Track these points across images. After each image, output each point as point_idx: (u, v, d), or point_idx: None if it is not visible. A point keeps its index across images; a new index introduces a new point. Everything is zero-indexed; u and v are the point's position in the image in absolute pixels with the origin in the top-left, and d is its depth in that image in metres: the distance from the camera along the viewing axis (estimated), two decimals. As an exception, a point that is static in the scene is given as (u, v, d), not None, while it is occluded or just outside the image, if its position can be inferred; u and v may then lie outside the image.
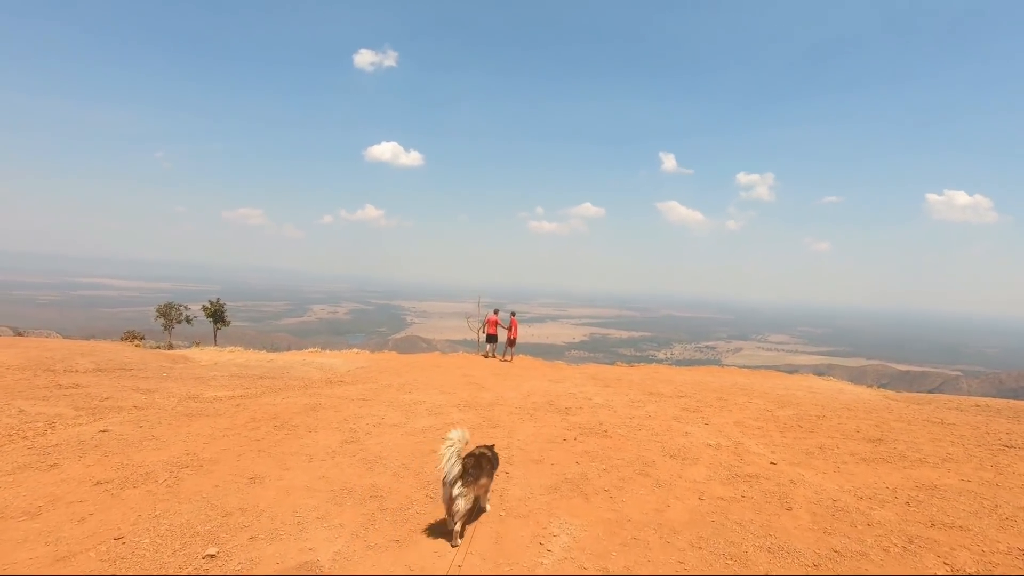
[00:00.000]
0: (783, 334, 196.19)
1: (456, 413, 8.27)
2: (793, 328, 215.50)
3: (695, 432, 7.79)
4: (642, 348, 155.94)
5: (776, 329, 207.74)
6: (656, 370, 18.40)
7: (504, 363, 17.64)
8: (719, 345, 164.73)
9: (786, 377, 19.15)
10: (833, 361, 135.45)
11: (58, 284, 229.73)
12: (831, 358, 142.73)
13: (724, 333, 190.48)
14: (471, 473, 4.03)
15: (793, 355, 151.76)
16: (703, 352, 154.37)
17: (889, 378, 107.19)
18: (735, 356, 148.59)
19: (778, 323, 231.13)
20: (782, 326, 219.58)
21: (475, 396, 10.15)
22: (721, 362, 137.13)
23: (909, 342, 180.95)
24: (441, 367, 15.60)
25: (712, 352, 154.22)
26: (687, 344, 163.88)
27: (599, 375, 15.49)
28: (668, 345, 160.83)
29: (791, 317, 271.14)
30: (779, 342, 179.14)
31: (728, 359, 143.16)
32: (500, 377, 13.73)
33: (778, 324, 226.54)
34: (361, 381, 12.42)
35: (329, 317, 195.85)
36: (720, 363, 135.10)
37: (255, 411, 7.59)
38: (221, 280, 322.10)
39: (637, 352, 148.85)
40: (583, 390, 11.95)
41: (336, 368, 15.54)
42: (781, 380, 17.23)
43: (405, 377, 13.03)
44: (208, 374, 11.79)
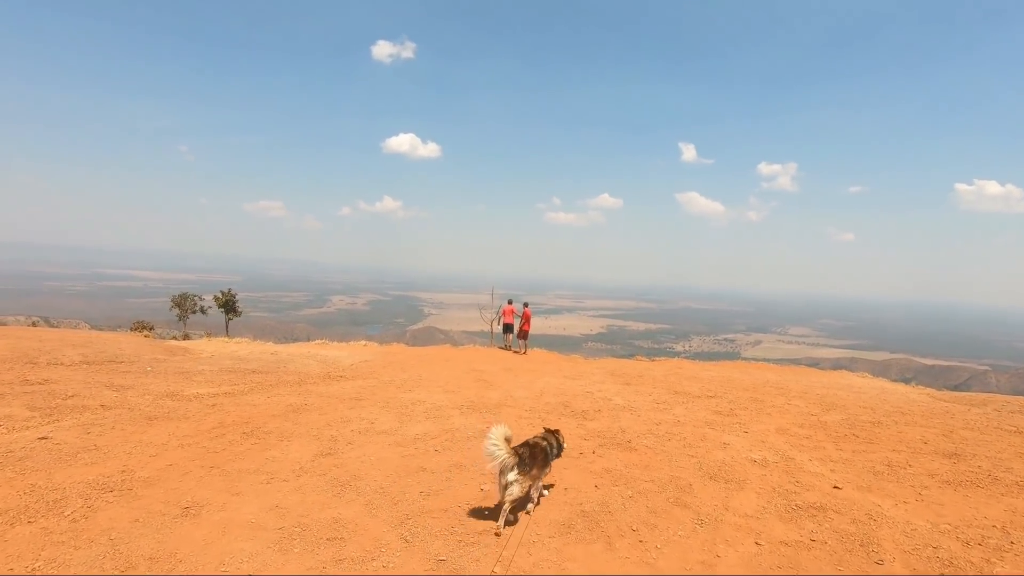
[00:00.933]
0: (804, 327, 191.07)
1: (457, 417, 7.25)
2: (815, 321, 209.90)
3: (734, 443, 6.64)
4: (660, 340, 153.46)
5: (797, 322, 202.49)
6: (679, 365, 17.16)
7: (517, 356, 16.62)
8: (738, 338, 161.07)
9: (821, 374, 17.71)
10: (856, 355, 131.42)
11: (86, 275, 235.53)
12: (854, 351, 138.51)
13: (743, 325, 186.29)
14: (526, 463, 4.12)
15: (814, 348, 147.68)
16: (722, 345, 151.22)
17: (914, 372, 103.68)
18: (755, 349, 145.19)
19: (799, 316, 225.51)
20: (803, 319, 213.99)
21: (481, 395, 9.13)
22: (740, 355, 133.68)
23: (935, 335, 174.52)
24: (450, 361, 14.63)
25: (731, 345, 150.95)
26: (706, 336, 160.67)
27: (619, 371, 14.35)
28: (686, 337, 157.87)
29: (813, 309, 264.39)
30: (800, 335, 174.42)
31: (747, 352, 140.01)
32: (511, 372, 12.70)
33: (799, 317, 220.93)
34: (361, 376, 11.51)
35: (348, 308, 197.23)
36: (739, 356, 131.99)
37: (229, 413, 6.68)
38: (243, 271, 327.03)
39: (655, 344, 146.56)
40: (602, 388, 10.85)
41: (339, 361, 14.69)
42: (816, 377, 15.85)
43: (409, 372, 12.08)
44: (198, 368, 10.98)
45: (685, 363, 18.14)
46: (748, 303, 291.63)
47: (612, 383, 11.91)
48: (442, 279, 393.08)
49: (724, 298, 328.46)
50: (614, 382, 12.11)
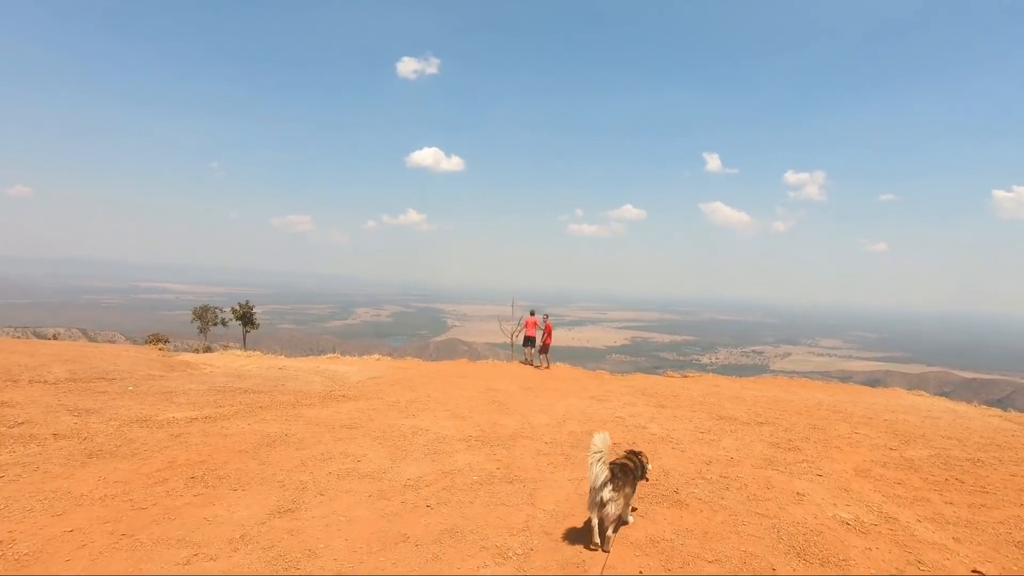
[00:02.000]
0: (835, 339, 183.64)
1: (462, 453, 5.99)
2: (846, 333, 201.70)
3: (811, 493, 5.22)
4: (686, 352, 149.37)
5: (828, 333, 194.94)
6: (716, 383, 15.55)
7: (538, 372, 15.31)
8: (766, 350, 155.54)
9: (875, 393, 15.83)
10: (890, 367, 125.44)
11: (122, 289, 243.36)
12: (888, 364, 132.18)
13: (771, 337, 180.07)
14: (619, 478, 3.92)
15: (846, 361, 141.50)
16: (749, 357, 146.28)
17: (953, 386, 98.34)
18: (783, 361, 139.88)
19: (830, 327, 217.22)
20: (834, 330, 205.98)
21: (494, 422, 7.86)
22: (769, 367, 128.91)
23: (973, 347, 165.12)
24: (465, 378, 13.41)
25: (759, 357, 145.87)
26: (732, 349, 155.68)
27: (650, 389, 12.91)
28: (713, 349, 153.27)
29: (844, 321, 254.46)
30: (831, 347, 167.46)
31: (776, 364, 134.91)
32: (531, 392, 11.40)
33: (830, 328, 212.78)
34: (364, 396, 10.37)
35: (372, 320, 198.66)
36: (768, 368, 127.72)
37: (188, 448, 5.58)
38: (271, 284, 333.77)
39: (681, 356, 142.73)
40: (633, 413, 9.46)
41: (346, 378, 13.62)
42: (873, 397, 14.05)
43: (418, 391, 10.90)
44: (185, 387, 10.01)
45: (722, 380, 16.51)
46: (776, 315, 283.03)
47: (644, 405, 10.51)
48: (465, 291, 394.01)
49: (751, 310, 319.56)
50: (646, 404, 10.70)
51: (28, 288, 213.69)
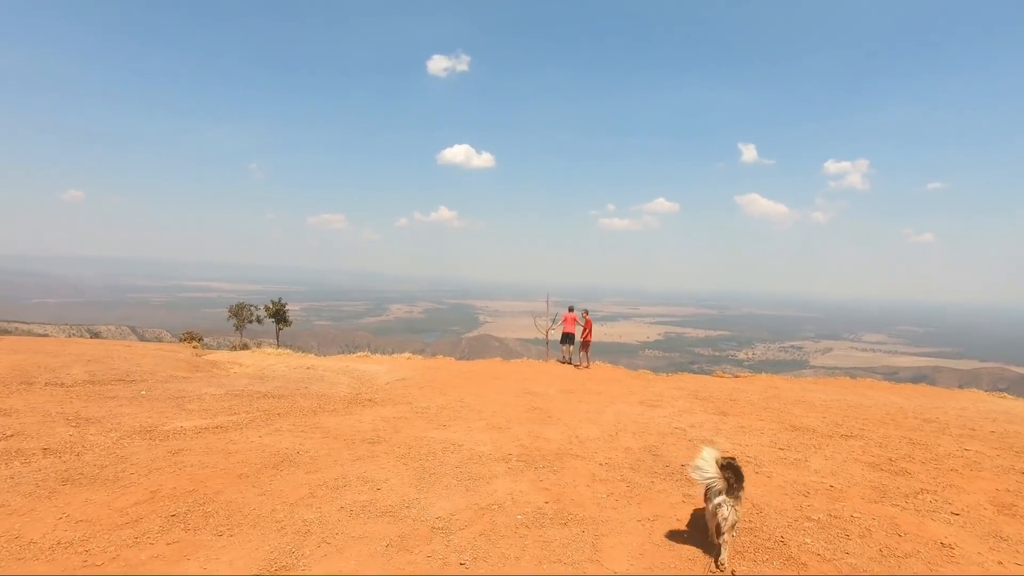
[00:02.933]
0: (880, 333, 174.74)
1: (502, 480, 4.97)
2: (892, 327, 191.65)
3: (959, 543, 3.98)
4: (721, 348, 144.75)
5: (872, 328, 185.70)
6: (773, 384, 14.09)
7: (578, 372, 14.22)
8: (806, 344, 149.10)
9: (954, 395, 14.02)
10: (939, 363, 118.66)
11: (168, 287, 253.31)
12: (937, 359, 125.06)
13: (812, 332, 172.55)
14: (733, 486, 3.70)
15: (892, 356, 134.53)
16: (788, 352, 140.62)
17: (1008, 382, 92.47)
18: (824, 357, 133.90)
19: (874, 321, 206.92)
20: (879, 324, 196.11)
21: (536, 434, 6.82)
22: (809, 363, 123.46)
23: None
24: (499, 379, 12.43)
25: (798, 352, 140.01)
26: (770, 344, 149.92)
27: (703, 392, 11.65)
28: (749, 344, 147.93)
29: (889, 315, 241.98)
30: (875, 342, 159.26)
31: (816, 360, 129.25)
32: (572, 396, 10.31)
33: (874, 322, 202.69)
34: (391, 401, 9.50)
35: (405, 316, 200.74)
36: (808, 364, 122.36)
37: (180, 471, 4.75)
38: (307, 282, 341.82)
39: (716, 352, 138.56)
40: (693, 422, 8.26)
41: (375, 379, 12.85)
42: (953, 400, 12.36)
43: (449, 395, 9.96)
44: (202, 391, 9.34)
45: (779, 380, 15.01)
46: (816, 309, 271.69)
47: (703, 412, 9.29)
48: (497, 287, 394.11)
49: (790, 304, 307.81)
50: (704, 410, 9.47)
51: (82, 287, 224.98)
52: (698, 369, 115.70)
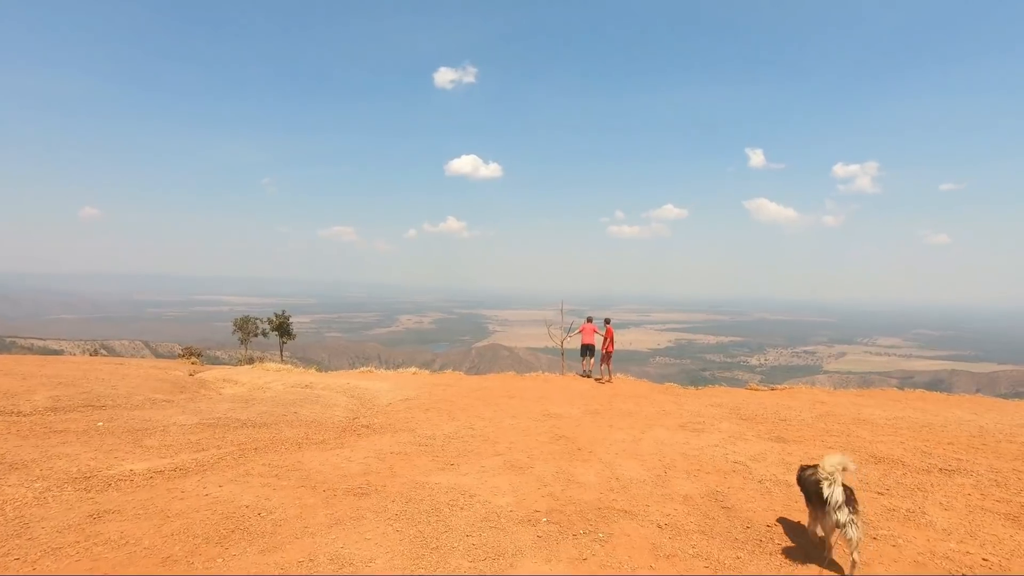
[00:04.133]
0: (895, 337, 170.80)
1: (532, 556, 3.61)
2: (907, 331, 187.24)
3: None
4: (733, 354, 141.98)
5: (886, 332, 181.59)
6: (818, 398, 12.57)
7: (600, 388, 12.85)
8: (820, 349, 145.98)
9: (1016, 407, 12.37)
10: (956, 366, 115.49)
11: (182, 302, 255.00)
12: (954, 363, 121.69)
13: (825, 337, 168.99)
14: (853, 499, 3.70)
15: (907, 360, 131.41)
16: (801, 357, 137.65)
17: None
18: (838, 362, 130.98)
19: (889, 325, 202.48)
20: (894, 328, 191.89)
21: (568, 477, 5.45)
22: (823, 368, 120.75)
23: None
24: (514, 398, 11.07)
25: (812, 358, 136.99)
26: (783, 349, 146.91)
27: (744, 410, 10.23)
28: (762, 350, 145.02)
29: (904, 319, 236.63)
30: (890, 346, 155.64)
31: (830, 365, 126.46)
32: (599, 419, 8.92)
33: (889, 326, 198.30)
34: (391, 427, 8.18)
35: (415, 327, 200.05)
36: (822, 369, 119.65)
37: (85, 553, 3.46)
38: (319, 294, 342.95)
39: (728, 358, 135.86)
40: (752, 453, 6.83)
41: (376, 399, 11.56)
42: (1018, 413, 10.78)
43: (459, 420, 8.61)
44: (172, 420, 8.07)
45: (821, 393, 13.46)
46: (830, 313, 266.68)
47: (755, 437, 7.86)
48: (506, 297, 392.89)
49: (802, 309, 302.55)
50: (756, 435, 8.05)
51: (99, 303, 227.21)
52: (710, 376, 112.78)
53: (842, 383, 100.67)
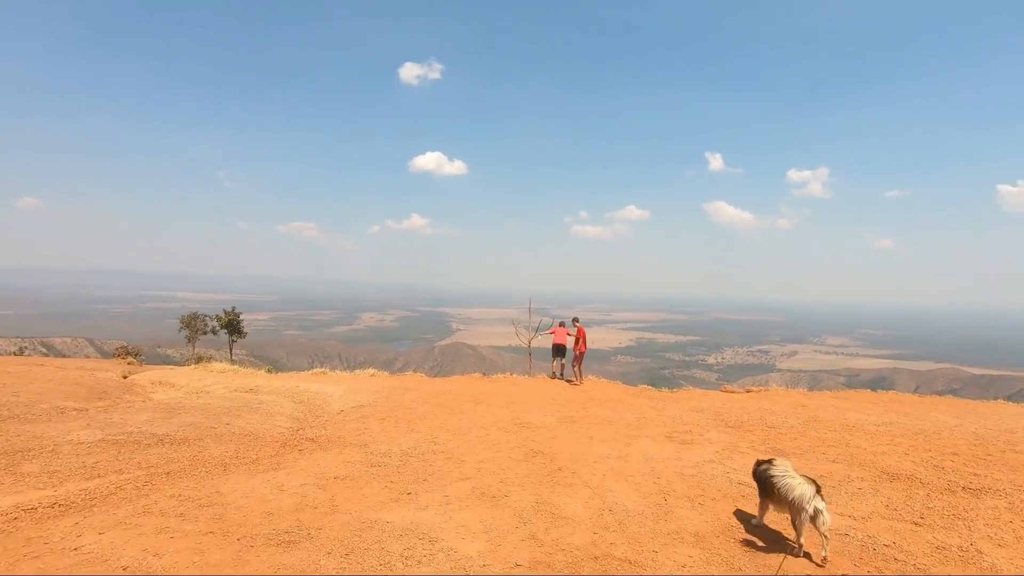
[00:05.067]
0: (843, 336, 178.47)
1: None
2: (853, 330, 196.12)
3: None
4: (691, 353, 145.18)
5: (835, 331, 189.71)
6: (798, 401, 12.09)
7: (572, 390, 12.04)
8: (773, 348, 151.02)
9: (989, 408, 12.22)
10: (898, 364, 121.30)
11: (131, 298, 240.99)
12: (896, 361, 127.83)
13: (778, 336, 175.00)
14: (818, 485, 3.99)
15: (853, 359, 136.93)
16: (756, 356, 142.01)
17: (962, 383, 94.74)
18: (790, 360, 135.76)
19: (837, 325, 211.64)
20: (841, 328, 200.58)
21: (551, 511, 4.51)
22: (776, 367, 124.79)
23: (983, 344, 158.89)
24: (481, 403, 10.07)
25: (766, 356, 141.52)
26: (739, 348, 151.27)
27: (728, 415, 9.62)
28: (718, 349, 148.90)
29: (851, 319, 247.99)
30: (838, 345, 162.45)
31: (783, 363, 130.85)
32: (577, 428, 8.04)
33: (837, 326, 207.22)
34: (339, 441, 7.06)
35: (377, 325, 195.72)
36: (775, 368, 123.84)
37: None
38: (279, 291, 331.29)
39: (686, 357, 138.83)
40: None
41: (327, 405, 10.36)
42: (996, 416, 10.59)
43: (419, 432, 7.55)
44: (70, 436, 6.69)
45: (798, 395, 12.99)
46: (782, 313, 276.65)
47: (751, 449, 7.18)
48: (470, 295, 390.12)
49: (757, 309, 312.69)
50: (751, 446, 7.38)
51: (39, 298, 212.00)
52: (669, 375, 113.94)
53: (793, 381, 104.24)
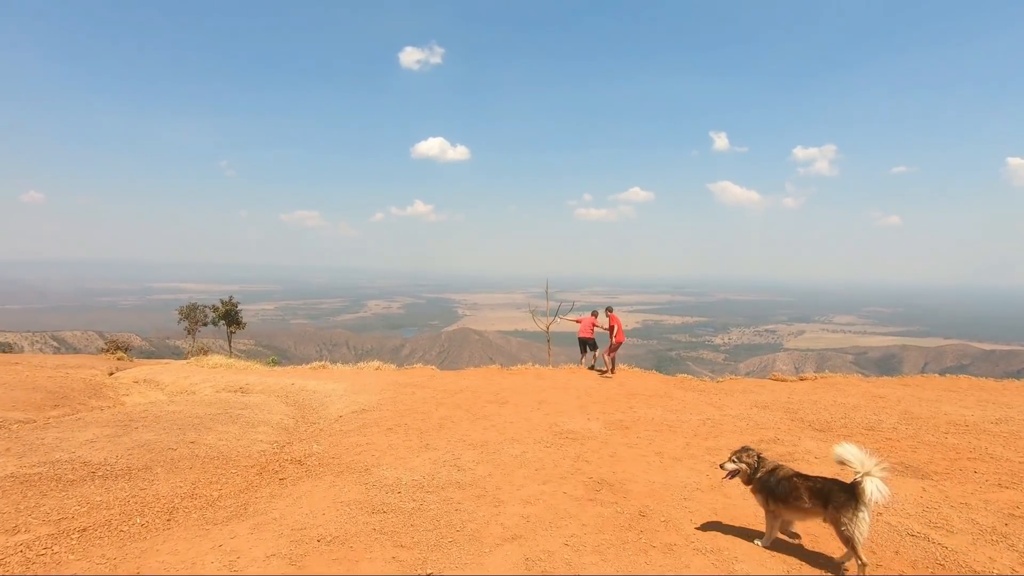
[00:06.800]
0: (850, 315, 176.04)
1: None
2: (861, 309, 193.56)
3: None
4: (698, 334, 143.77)
5: (842, 310, 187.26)
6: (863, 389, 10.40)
7: (606, 382, 10.40)
8: (780, 328, 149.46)
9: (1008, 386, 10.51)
10: (906, 341, 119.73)
11: (138, 290, 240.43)
12: (904, 338, 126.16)
13: (785, 316, 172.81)
14: None
15: (862, 336, 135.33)
16: (763, 336, 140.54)
17: (971, 359, 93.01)
18: (797, 339, 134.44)
19: (844, 304, 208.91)
20: (849, 307, 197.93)
21: None
22: (783, 346, 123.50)
23: (992, 319, 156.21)
24: (506, 403, 8.39)
25: (772, 336, 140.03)
26: (745, 328, 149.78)
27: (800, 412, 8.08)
28: (725, 330, 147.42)
29: (859, 297, 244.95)
30: (846, 323, 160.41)
31: (790, 343, 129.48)
32: (635, 437, 6.35)
33: (844, 305, 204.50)
34: (334, 465, 5.40)
35: (383, 312, 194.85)
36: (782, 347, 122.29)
37: None
38: (284, 280, 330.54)
39: (693, 338, 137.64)
40: (910, 507, 4.32)
41: (324, 407, 8.77)
42: None
43: (436, 448, 5.87)
44: None
45: (862, 383, 11.20)
46: (789, 293, 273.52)
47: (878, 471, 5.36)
48: (475, 280, 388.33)
49: (764, 288, 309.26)
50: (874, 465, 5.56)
51: (47, 292, 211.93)
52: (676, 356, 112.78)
53: (801, 360, 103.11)
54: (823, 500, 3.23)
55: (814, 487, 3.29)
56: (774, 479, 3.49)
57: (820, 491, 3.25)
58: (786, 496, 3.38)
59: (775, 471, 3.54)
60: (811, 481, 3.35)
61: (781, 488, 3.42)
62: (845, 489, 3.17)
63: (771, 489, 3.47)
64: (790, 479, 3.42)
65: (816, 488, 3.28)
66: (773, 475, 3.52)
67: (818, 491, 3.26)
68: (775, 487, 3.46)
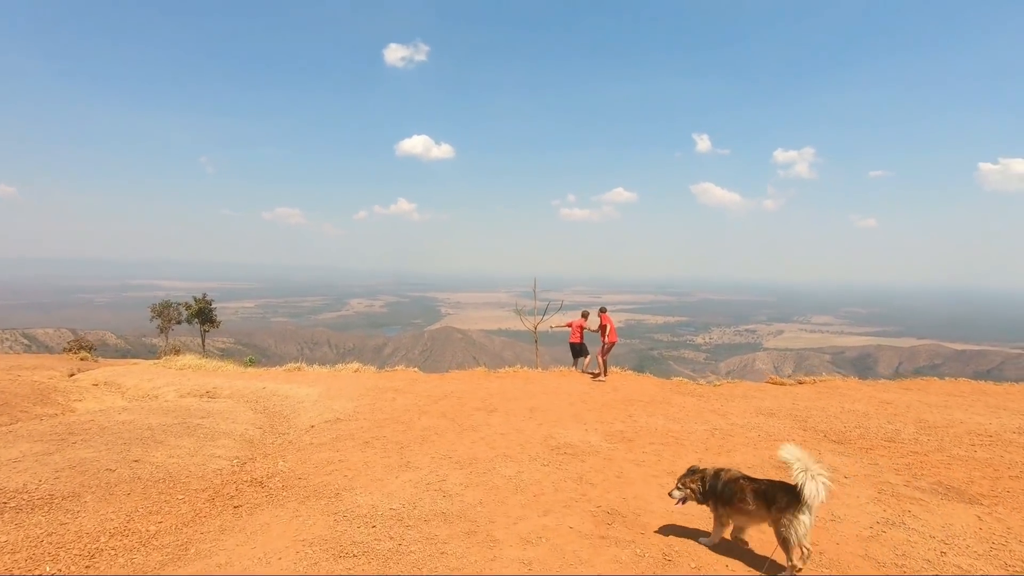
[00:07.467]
0: (828, 315, 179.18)
1: None
2: (838, 309, 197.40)
3: None
4: (679, 333, 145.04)
5: (820, 310, 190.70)
6: (867, 393, 10.00)
7: (599, 387, 9.80)
8: (760, 328, 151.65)
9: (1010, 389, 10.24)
10: (881, 341, 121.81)
11: (114, 287, 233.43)
12: (879, 339, 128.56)
13: (765, 316, 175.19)
14: None
15: (839, 336, 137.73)
16: (743, 336, 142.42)
17: (943, 358, 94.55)
18: (777, 339, 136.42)
19: (822, 304, 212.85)
20: (826, 307, 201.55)
21: None
22: (763, 346, 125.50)
23: (964, 320, 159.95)
24: (496, 413, 7.69)
25: (752, 336, 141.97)
26: (726, 328, 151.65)
27: (810, 420, 7.64)
28: (706, 330, 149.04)
29: (836, 298, 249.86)
30: (823, 323, 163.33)
31: (769, 342, 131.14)
32: (640, 451, 5.72)
33: (822, 305, 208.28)
34: (300, 490, 4.65)
35: (365, 311, 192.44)
36: (761, 347, 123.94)
37: None
38: (264, 278, 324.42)
39: (674, 337, 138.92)
40: (970, 545, 3.73)
41: (295, 415, 8.00)
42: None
43: (418, 467, 5.16)
44: None
45: (864, 387, 10.81)
46: (769, 293, 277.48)
47: (918, 492, 4.91)
48: (459, 279, 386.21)
49: (744, 289, 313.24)
50: (909, 484, 5.10)
51: (19, 289, 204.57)
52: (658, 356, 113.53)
53: (780, 360, 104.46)
54: (767, 502, 3.19)
55: (758, 489, 3.27)
56: (720, 482, 3.46)
57: (764, 492, 3.22)
58: (731, 498, 3.35)
59: (719, 474, 3.51)
60: (756, 483, 3.33)
61: (726, 491, 3.39)
62: (788, 491, 3.12)
63: (717, 493, 3.44)
64: (736, 481, 3.40)
65: (760, 490, 3.25)
66: (718, 478, 3.49)
67: (762, 493, 3.23)
68: (721, 490, 3.42)
